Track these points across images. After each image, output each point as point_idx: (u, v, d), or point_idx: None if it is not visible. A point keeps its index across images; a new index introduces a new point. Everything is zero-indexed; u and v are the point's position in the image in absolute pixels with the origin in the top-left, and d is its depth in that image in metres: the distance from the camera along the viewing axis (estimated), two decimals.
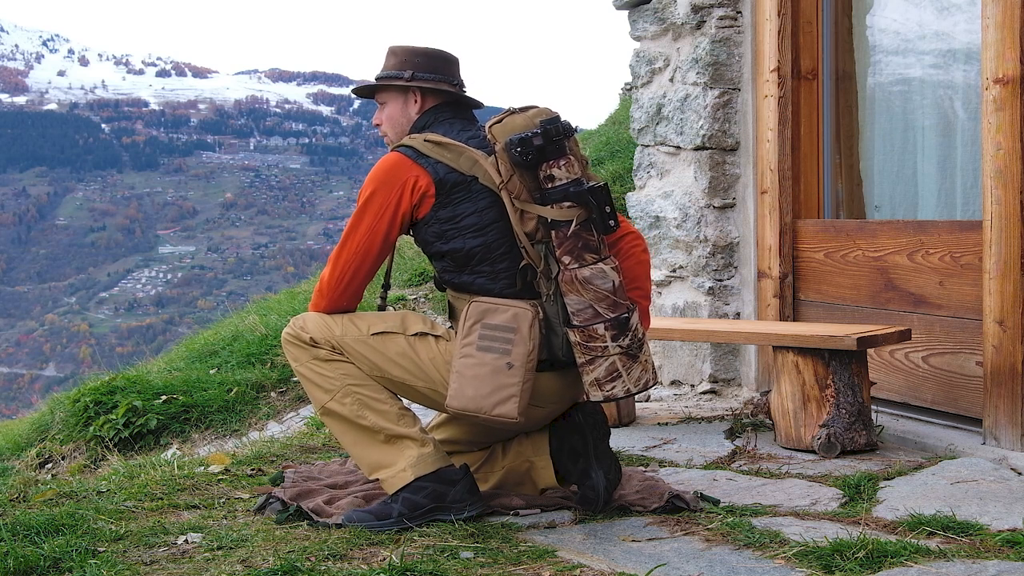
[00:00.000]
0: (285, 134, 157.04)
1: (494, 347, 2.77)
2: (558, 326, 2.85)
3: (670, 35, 4.96)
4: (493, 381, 2.75)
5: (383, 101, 3.09)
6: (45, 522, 2.80)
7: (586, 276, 2.79)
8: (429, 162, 2.88)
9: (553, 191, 2.81)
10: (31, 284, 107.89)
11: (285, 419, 5.87)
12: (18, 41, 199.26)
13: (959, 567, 2.35)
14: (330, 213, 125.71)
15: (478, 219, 2.86)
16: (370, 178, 2.93)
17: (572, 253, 2.80)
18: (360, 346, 2.88)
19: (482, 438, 3.11)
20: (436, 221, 2.89)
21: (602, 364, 2.79)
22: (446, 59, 3.07)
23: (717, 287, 4.82)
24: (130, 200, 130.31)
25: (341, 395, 2.87)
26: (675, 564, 2.47)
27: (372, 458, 2.88)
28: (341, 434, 2.92)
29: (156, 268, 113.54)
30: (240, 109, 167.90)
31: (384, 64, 3.09)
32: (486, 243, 2.86)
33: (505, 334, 2.77)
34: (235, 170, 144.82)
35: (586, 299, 2.79)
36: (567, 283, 2.80)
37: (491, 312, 2.80)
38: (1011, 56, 3.46)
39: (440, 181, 2.87)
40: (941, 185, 4.22)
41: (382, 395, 2.89)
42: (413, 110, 3.05)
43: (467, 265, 2.88)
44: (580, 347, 2.80)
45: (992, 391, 3.55)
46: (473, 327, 2.80)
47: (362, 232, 2.90)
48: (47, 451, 6.13)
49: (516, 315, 2.79)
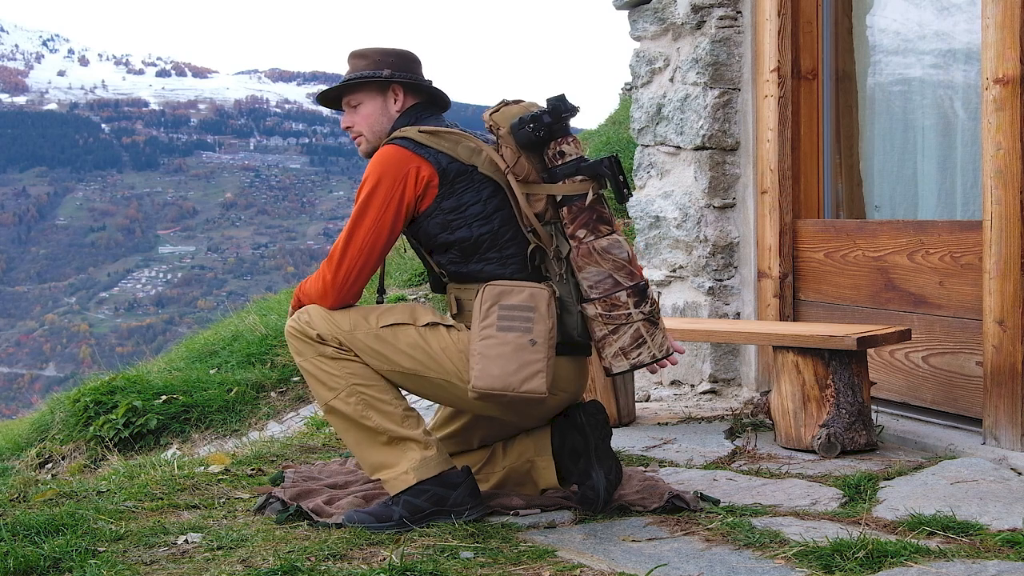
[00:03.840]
0: (285, 134, 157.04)
1: (515, 326, 2.76)
2: (572, 305, 2.86)
3: (670, 35, 4.96)
4: (518, 358, 2.73)
5: (357, 103, 3.04)
6: (45, 522, 2.80)
7: (604, 246, 2.83)
8: (430, 152, 2.87)
9: (564, 167, 2.86)
10: (31, 284, 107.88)
11: (285, 419, 5.87)
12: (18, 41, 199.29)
13: (959, 567, 2.35)
14: (330, 213, 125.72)
15: (482, 208, 2.87)
16: (371, 171, 2.89)
17: (587, 226, 2.84)
18: (370, 339, 2.85)
19: (490, 432, 3.10)
20: (440, 212, 2.87)
21: (627, 332, 2.82)
22: (415, 59, 3.08)
23: (717, 287, 4.82)
24: (130, 200, 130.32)
25: (346, 394, 2.84)
26: (675, 564, 2.47)
27: (374, 458, 2.87)
28: (344, 432, 2.90)
29: (156, 268, 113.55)
30: (240, 109, 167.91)
31: (352, 67, 3.05)
32: (492, 230, 2.86)
33: (524, 313, 2.77)
34: (235, 170, 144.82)
35: (605, 269, 2.82)
36: (584, 255, 2.83)
37: (507, 294, 2.80)
38: (1011, 56, 3.46)
39: (443, 171, 2.86)
40: (941, 185, 4.22)
41: (387, 395, 2.86)
42: (394, 109, 3.03)
43: (475, 253, 2.87)
44: (602, 318, 2.82)
45: (992, 391, 3.55)
46: (491, 309, 2.79)
47: (367, 226, 2.86)
48: (47, 451, 6.13)
49: (533, 294, 2.80)
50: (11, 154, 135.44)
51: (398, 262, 8.05)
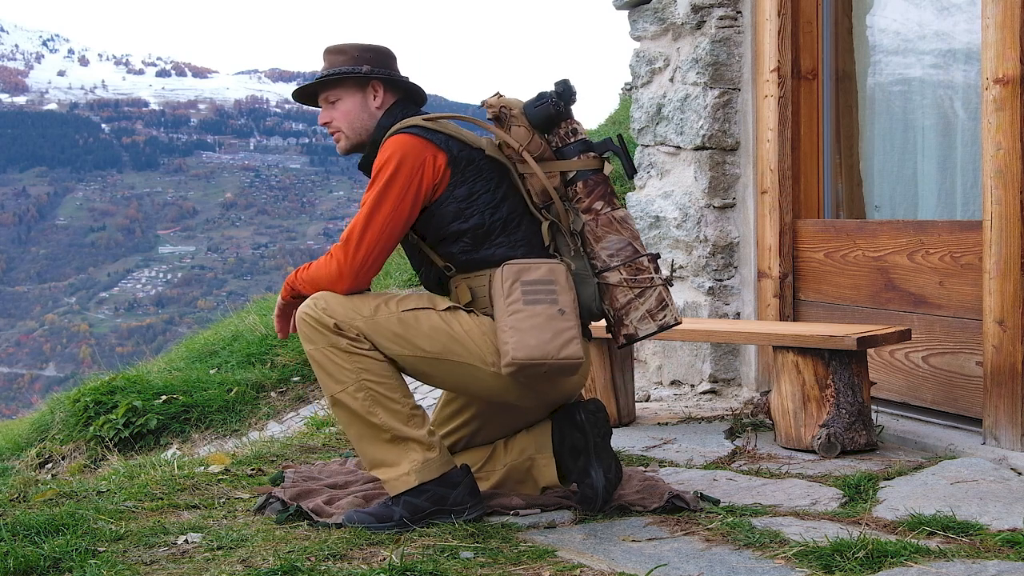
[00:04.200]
0: (285, 134, 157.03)
1: (541, 299, 2.79)
2: (588, 277, 2.91)
3: (670, 35, 4.96)
4: (551, 327, 2.75)
5: (335, 99, 3.03)
6: (45, 522, 2.80)
7: (622, 216, 2.95)
8: (440, 138, 2.89)
9: (574, 145, 2.96)
10: (31, 284, 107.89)
11: (285, 419, 5.87)
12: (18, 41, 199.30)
13: (959, 567, 2.35)
14: (330, 213, 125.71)
15: (492, 195, 2.90)
16: (390, 156, 2.86)
17: (604, 198, 2.95)
18: (392, 323, 2.82)
19: (492, 428, 3.09)
20: (453, 200, 2.88)
21: (652, 295, 2.91)
22: (391, 55, 3.09)
23: (717, 287, 4.82)
24: (130, 200, 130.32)
25: (354, 388, 2.81)
26: (675, 564, 2.47)
27: (375, 455, 2.85)
28: (347, 425, 2.87)
29: (156, 268, 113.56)
30: (240, 109, 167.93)
31: (329, 63, 3.04)
32: (503, 216, 2.89)
33: (546, 286, 2.81)
34: (235, 170, 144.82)
35: (625, 237, 2.93)
36: (605, 225, 2.92)
37: (526, 270, 2.83)
38: (1011, 56, 3.46)
39: (455, 158, 2.88)
40: (941, 185, 4.22)
41: (396, 393, 2.83)
42: (374, 105, 3.02)
43: (486, 239, 2.88)
44: (627, 283, 2.90)
45: (992, 391, 3.55)
46: (513, 286, 2.80)
47: (387, 210, 2.84)
48: (47, 451, 6.14)
49: (551, 269, 2.84)
50: (11, 154, 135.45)
51: (399, 263, 8.05)
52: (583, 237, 2.94)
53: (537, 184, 2.93)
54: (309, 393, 6.20)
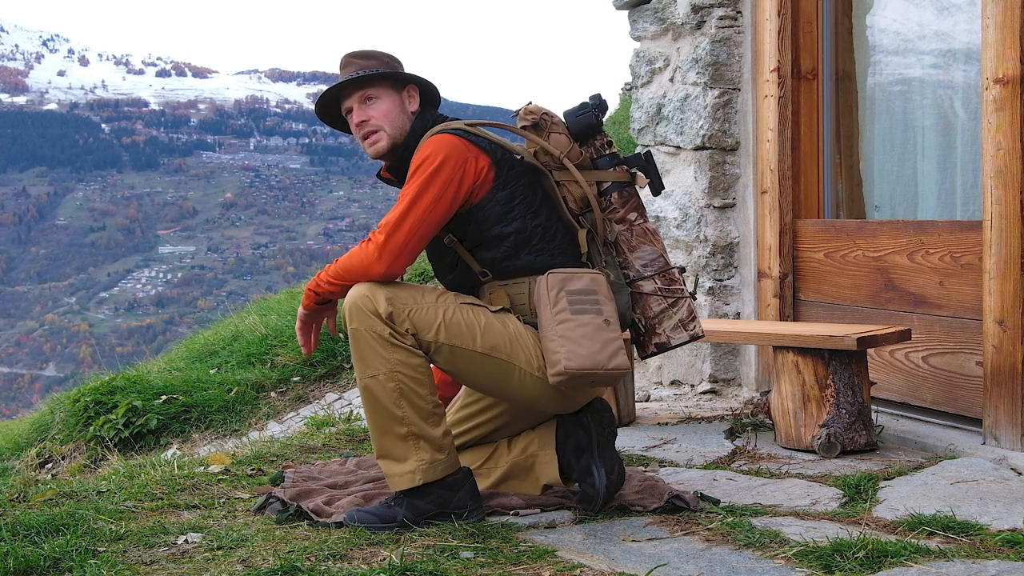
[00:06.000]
0: (285, 134, 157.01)
1: (587, 308, 2.81)
2: (621, 287, 2.96)
3: (670, 35, 4.96)
4: (600, 338, 2.77)
5: (375, 97, 3.00)
6: (45, 522, 2.80)
7: (654, 228, 3.04)
8: (483, 142, 2.90)
9: (611, 156, 3.02)
10: (31, 284, 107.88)
11: (285, 419, 5.88)
12: (18, 41, 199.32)
13: (959, 567, 2.35)
14: (330, 213, 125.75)
15: (530, 202, 2.91)
16: (433, 151, 2.85)
17: (637, 209, 3.02)
18: (452, 311, 2.82)
19: (513, 426, 3.10)
20: (496, 203, 2.88)
21: (683, 305, 2.99)
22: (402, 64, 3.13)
23: (717, 287, 4.82)
24: (130, 200, 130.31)
25: (385, 377, 2.77)
26: (675, 564, 2.47)
27: (386, 445, 2.83)
28: (369, 410, 2.83)
29: (156, 268, 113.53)
30: (240, 109, 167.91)
31: (361, 67, 3.00)
32: (542, 222, 2.91)
33: (590, 296, 2.83)
34: (235, 170, 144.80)
35: (657, 248, 3.00)
36: (640, 235, 2.99)
37: (570, 279, 2.84)
38: (1011, 56, 3.46)
39: (499, 162, 2.90)
40: (941, 185, 4.22)
41: (424, 389, 2.80)
42: (410, 108, 3.03)
43: (527, 245, 2.89)
44: (662, 292, 2.97)
45: (992, 391, 3.55)
46: (559, 295, 2.81)
47: (428, 201, 2.82)
48: (47, 451, 6.14)
49: (593, 279, 2.86)
50: (11, 154, 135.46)
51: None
52: (617, 246, 2.99)
53: (576, 192, 2.95)
54: (309, 393, 6.20)
